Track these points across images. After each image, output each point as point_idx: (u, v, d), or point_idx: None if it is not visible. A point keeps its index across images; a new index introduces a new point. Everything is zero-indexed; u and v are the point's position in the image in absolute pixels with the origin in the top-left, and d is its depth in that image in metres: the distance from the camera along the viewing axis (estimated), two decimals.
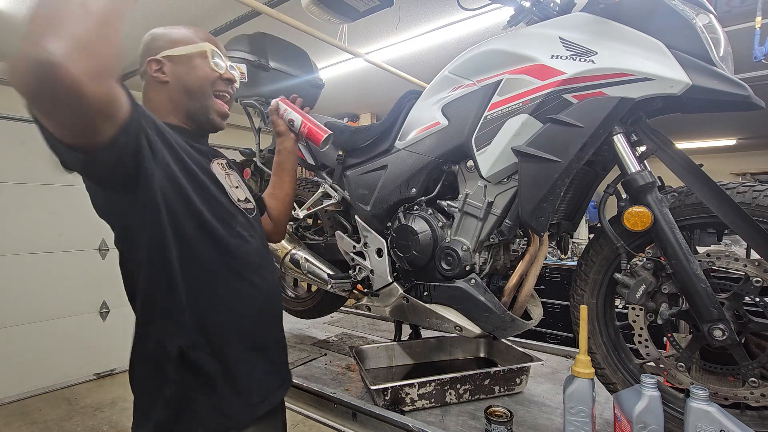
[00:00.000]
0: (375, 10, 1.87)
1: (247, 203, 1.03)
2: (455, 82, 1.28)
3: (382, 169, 1.46)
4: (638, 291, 1.04)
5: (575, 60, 1.03)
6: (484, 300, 1.21)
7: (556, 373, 1.61)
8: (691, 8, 0.98)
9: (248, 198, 1.06)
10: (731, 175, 6.88)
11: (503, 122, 1.13)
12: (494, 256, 1.30)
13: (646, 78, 0.95)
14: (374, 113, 5.48)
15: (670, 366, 1.07)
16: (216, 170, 0.97)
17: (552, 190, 1.06)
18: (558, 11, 1.16)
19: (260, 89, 1.81)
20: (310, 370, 1.63)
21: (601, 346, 1.20)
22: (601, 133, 1.02)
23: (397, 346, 1.63)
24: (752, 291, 0.96)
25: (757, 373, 0.96)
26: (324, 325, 2.31)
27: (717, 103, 0.95)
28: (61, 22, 0.55)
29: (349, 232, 1.64)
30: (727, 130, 5.80)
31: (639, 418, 0.93)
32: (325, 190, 1.65)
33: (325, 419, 1.33)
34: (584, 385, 1.02)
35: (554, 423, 1.21)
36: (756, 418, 1.00)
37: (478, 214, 1.22)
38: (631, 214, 1.01)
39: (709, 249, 1.03)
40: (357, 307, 1.61)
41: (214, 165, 0.98)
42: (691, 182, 0.99)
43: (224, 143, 5.00)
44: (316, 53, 3.37)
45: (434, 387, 1.28)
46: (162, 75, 0.95)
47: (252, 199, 1.09)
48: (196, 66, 0.97)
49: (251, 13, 2.64)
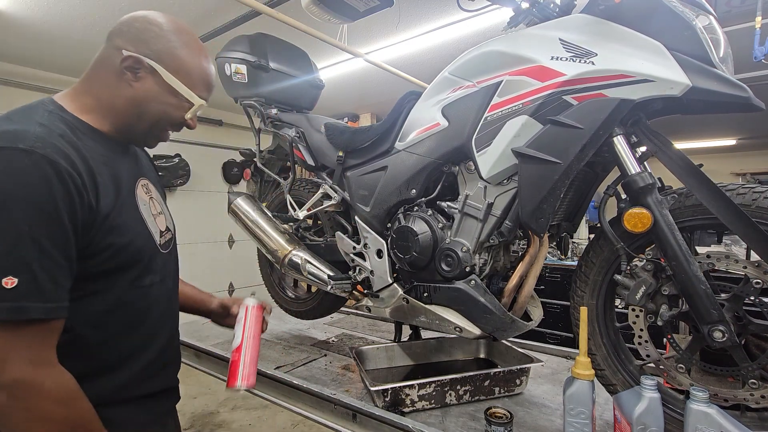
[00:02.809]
0: (375, 10, 1.87)
1: (167, 233, 0.93)
2: (455, 84, 1.27)
3: (382, 170, 1.46)
4: (638, 292, 1.04)
5: (575, 61, 1.03)
6: (484, 301, 1.21)
7: (556, 374, 1.61)
8: (691, 9, 0.98)
9: (168, 227, 0.95)
10: (731, 175, 6.87)
11: (503, 123, 1.13)
12: (494, 257, 1.30)
13: (646, 79, 0.95)
14: (374, 113, 5.48)
15: (670, 367, 1.07)
16: (140, 197, 0.86)
17: (552, 191, 1.06)
18: (558, 12, 1.16)
19: (260, 90, 1.81)
20: (310, 371, 1.63)
21: (601, 347, 1.20)
22: (601, 135, 1.02)
23: (397, 347, 1.63)
24: (752, 292, 0.96)
25: (757, 374, 0.96)
26: (324, 325, 2.31)
27: (717, 105, 0.95)
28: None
29: (349, 233, 1.64)
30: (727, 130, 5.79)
31: (639, 420, 0.93)
32: (325, 191, 1.65)
33: (325, 420, 1.33)
34: (584, 386, 1.02)
35: (554, 424, 1.21)
36: (756, 419, 1.00)
37: (478, 215, 1.22)
38: (631, 215, 1.01)
39: (709, 250, 1.03)
40: (357, 308, 1.60)
41: (138, 190, 0.86)
42: (692, 184, 0.99)
43: (224, 143, 5.02)
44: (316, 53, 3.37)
45: (434, 388, 1.28)
46: (131, 78, 0.80)
47: (172, 226, 0.98)
48: (171, 104, 0.83)
49: (251, 13, 2.63)
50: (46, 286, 0.65)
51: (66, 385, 0.68)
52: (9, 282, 0.62)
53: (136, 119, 0.83)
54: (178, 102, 0.84)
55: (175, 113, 0.85)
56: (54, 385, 0.66)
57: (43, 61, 3.59)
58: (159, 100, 0.82)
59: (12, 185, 0.64)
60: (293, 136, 1.76)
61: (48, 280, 0.65)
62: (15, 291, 0.62)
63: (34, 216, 0.64)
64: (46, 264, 0.65)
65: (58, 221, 0.66)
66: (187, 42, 0.85)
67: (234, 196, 1.83)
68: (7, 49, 3.35)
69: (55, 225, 0.66)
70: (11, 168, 0.64)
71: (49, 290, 0.65)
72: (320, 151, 1.69)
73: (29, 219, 0.64)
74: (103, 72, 0.81)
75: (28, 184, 0.65)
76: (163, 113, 0.84)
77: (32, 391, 0.64)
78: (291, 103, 1.92)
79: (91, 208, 0.71)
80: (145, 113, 0.82)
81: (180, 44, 0.83)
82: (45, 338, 0.67)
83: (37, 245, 0.64)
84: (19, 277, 0.63)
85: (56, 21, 2.89)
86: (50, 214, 0.66)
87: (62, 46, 3.30)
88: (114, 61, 0.79)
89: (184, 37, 0.84)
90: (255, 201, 1.85)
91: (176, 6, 2.70)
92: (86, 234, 0.71)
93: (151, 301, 0.86)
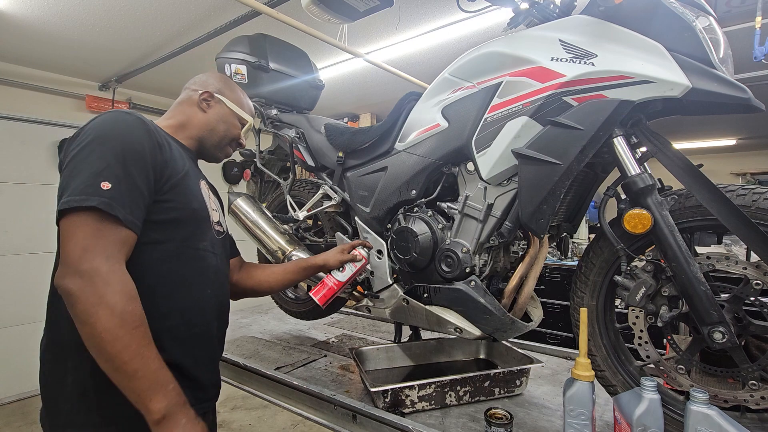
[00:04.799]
0: (375, 10, 1.87)
1: (218, 226, 1.09)
2: (455, 84, 1.27)
3: (382, 170, 1.46)
4: (638, 293, 1.04)
5: (575, 62, 1.03)
6: (484, 302, 1.21)
7: (556, 374, 1.61)
8: (691, 11, 0.98)
9: (221, 222, 1.12)
10: (731, 175, 6.87)
11: (503, 124, 1.13)
12: (494, 258, 1.30)
13: (646, 81, 0.95)
14: (374, 113, 5.48)
15: (670, 368, 1.07)
16: (202, 187, 1.05)
17: (552, 192, 1.06)
18: (558, 13, 1.16)
19: (260, 90, 1.81)
20: (310, 372, 1.63)
21: (601, 348, 1.20)
22: (601, 136, 1.01)
23: (397, 347, 1.63)
24: (752, 293, 0.96)
25: (757, 375, 0.96)
26: (324, 326, 2.31)
27: (717, 106, 0.95)
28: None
29: (349, 234, 1.64)
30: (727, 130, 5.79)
31: (639, 421, 0.93)
32: (326, 192, 1.65)
33: (325, 421, 1.33)
34: (584, 387, 1.02)
35: (554, 425, 1.21)
36: (756, 420, 1.00)
37: (478, 216, 1.22)
38: (631, 216, 1.01)
39: (709, 251, 1.03)
40: (357, 309, 1.61)
41: (201, 184, 1.06)
42: (692, 185, 0.98)
43: None
44: (316, 53, 3.37)
45: (434, 389, 1.28)
46: (206, 105, 1.12)
47: (225, 226, 1.15)
48: (232, 124, 1.16)
49: (251, 13, 2.64)
50: (128, 200, 0.81)
51: (130, 285, 0.78)
52: (105, 185, 0.78)
53: (207, 134, 1.12)
54: (235, 122, 1.17)
55: (234, 130, 1.17)
56: (121, 282, 0.77)
57: (43, 61, 3.60)
58: (224, 120, 1.14)
59: (113, 127, 0.86)
60: (293, 137, 1.76)
61: (130, 197, 0.81)
62: (108, 192, 0.78)
63: (127, 149, 0.84)
64: (132, 185, 0.82)
65: (143, 159, 0.85)
66: (233, 84, 1.21)
67: (234, 197, 1.83)
68: (7, 49, 3.35)
69: (141, 161, 0.85)
70: (113, 119, 0.87)
71: (130, 205, 0.81)
72: (320, 152, 1.69)
73: (124, 150, 0.83)
74: (185, 106, 1.12)
75: (126, 128, 0.87)
76: (226, 130, 1.15)
77: (104, 282, 0.74)
78: (291, 103, 1.92)
79: (165, 164, 0.91)
80: (214, 130, 1.13)
81: (231, 85, 1.20)
82: (121, 243, 0.79)
83: (127, 169, 0.82)
84: (112, 184, 0.79)
85: (56, 21, 2.89)
86: (138, 152, 0.85)
87: (62, 46, 3.30)
88: (192, 98, 1.12)
89: (229, 82, 1.21)
90: (255, 201, 1.85)
91: (176, 6, 2.70)
92: (158, 181, 0.89)
93: (203, 266, 0.98)
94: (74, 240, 0.76)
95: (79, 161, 0.81)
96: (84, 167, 0.80)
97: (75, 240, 0.76)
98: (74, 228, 0.77)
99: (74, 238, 0.76)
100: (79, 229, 0.77)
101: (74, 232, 0.77)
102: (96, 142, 0.83)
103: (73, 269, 0.74)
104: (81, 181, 0.78)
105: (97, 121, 0.87)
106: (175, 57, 3.38)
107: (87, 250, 0.75)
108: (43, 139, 3.70)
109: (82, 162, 0.81)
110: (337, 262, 1.32)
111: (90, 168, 0.80)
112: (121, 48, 3.36)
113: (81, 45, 3.26)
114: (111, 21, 2.90)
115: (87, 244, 0.76)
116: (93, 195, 0.77)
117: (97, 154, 0.81)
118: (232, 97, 1.17)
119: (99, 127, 0.86)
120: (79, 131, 0.87)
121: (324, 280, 1.33)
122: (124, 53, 3.47)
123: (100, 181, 0.78)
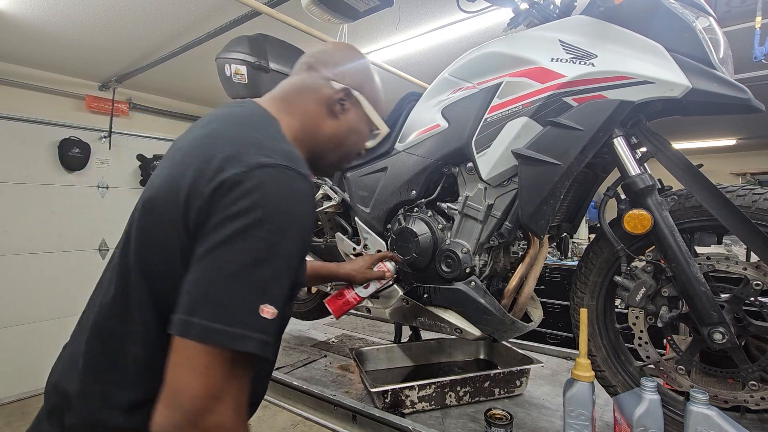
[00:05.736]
0: (375, 10, 1.87)
1: None
2: (455, 85, 1.27)
3: (382, 171, 1.46)
4: (638, 294, 1.04)
5: (575, 63, 1.03)
6: (484, 302, 1.21)
7: (556, 375, 1.61)
8: (691, 11, 0.98)
9: None
10: (731, 175, 6.87)
11: (503, 125, 1.13)
12: (494, 258, 1.30)
13: (646, 81, 0.95)
14: None
15: (670, 369, 1.07)
16: None
17: (552, 192, 1.06)
18: (558, 14, 1.16)
19: (261, 90, 1.80)
20: (309, 372, 1.63)
21: (601, 348, 1.20)
22: (601, 136, 1.01)
23: (397, 347, 1.63)
24: (752, 294, 0.96)
25: (757, 376, 0.96)
26: (324, 326, 2.31)
27: (717, 106, 0.95)
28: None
29: (349, 234, 1.64)
30: (726, 130, 5.79)
31: (639, 422, 0.93)
32: (325, 192, 1.65)
33: (325, 421, 1.33)
34: (584, 388, 1.02)
35: (554, 426, 1.21)
36: (756, 421, 1.00)
37: (478, 217, 1.22)
38: (631, 217, 1.01)
39: (709, 251, 1.03)
40: (357, 309, 1.61)
41: None
42: (692, 185, 0.98)
43: None
44: None
45: (434, 389, 1.28)
46: (339, 110, 0.79)
47: None
48: (364, 135, 0.85)
49: (251, 13, 2.63)
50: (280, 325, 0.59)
51: None
52: (267, 311, 0.54)
53: (331, 149, 0.82)
54: (367, 131, 0.85)
55: (362, 143, 0.86)
56: None
57: (43, 61, 3.59)
58: (356, 130, 0.83)
59: (295, 210, 0.59)
60: None
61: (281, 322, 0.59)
62: (268, 324, 0.55)
63: (301, 249, 0.60)
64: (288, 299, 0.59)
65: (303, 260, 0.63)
66: (372, 72, 0.86)
67: None
68: (7, 49, 3.34)
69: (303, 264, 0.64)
70: (295, 192, 0.59)
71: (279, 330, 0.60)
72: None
73: (298, 251, 0.60)
74: (311, 101, 0.79)
75: (306, 214, 0.60)
76: (355, 144, 0.85)
77: None
78: None
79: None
80: (342, 144, 0.82)
81: (370, 74, 0.85)
82: (249, 383, 0.58)
83: (291, 281, 0.59)
84: (278, 310, 0.56)
85: (56, 21, 2.88)
86: (304, 251, 0.62)
87: (62, 46, 3.30)
88: (323, 92, 0.79)
89: (369, 69, 0.86)
90: None
91: (176, 6, 2.70)
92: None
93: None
94: (202, 378, 0.54)
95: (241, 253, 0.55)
96: (247, 273, 0.55)
97: (203, 379, 0.54)
98: (207, 359, 0.54)
99: (202, 375, 0.54)
100: (213, 366, 0.54)
101: (205, 365, 0.54)
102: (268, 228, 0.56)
103: (191, 420, 0.53)
104: (241, 298, 0.55)
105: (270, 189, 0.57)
106: (175, 57, 3.37)
107: (216, 397, 0.54)
108: (43, 139, 3.70)
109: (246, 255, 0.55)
110: (363, 279, 1.26)
111: (256, 275, 0.55)
112: (121, 48, 3.36)
113: (81, 45, 3.26)
114: (111, 21, 2.90)
115: (217, 388, 0.54)
116: (253, 330, 0.54)
117: (269, 251, 0.56)
118: (372, 95, 0.84)
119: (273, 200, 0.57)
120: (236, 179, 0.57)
121: (344, 291, 1.31)
122: (124, 53, 3.47)
123: (264, 302, 0.55)
